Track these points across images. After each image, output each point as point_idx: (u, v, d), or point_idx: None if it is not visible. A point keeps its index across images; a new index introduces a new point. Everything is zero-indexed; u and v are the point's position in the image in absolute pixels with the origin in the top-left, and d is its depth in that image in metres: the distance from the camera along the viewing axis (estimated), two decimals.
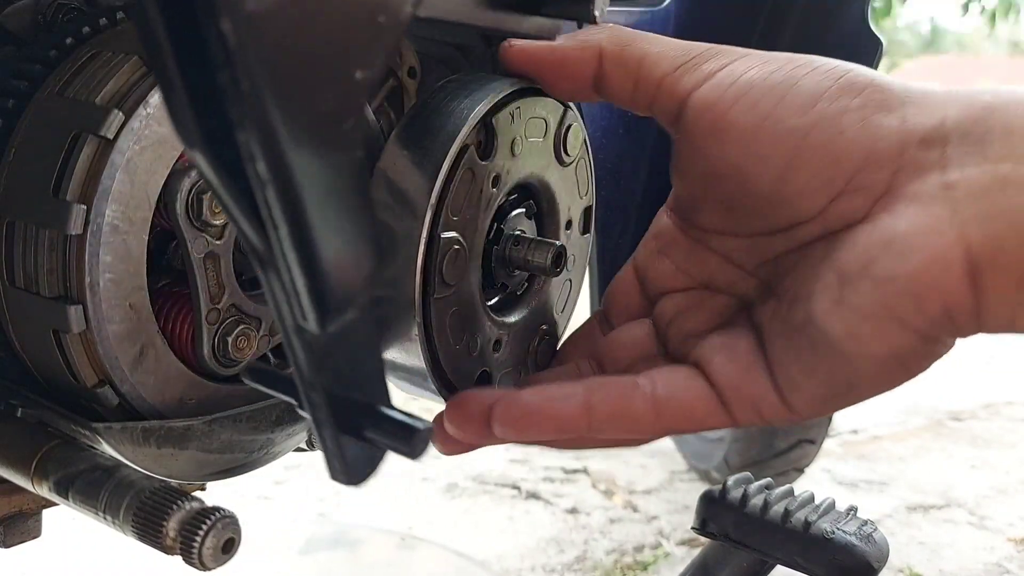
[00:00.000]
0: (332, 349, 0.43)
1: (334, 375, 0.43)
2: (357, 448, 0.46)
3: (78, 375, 0.52)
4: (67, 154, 0.49)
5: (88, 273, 0.49)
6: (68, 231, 0.48)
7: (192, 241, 0.53)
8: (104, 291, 0.49)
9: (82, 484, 0.51)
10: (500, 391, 0.57)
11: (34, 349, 0.53)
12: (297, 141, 0.34)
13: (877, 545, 0.72)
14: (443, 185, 0.59)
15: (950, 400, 3.03)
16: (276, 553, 1.75)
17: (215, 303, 0.55)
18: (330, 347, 0.42)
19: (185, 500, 0.48)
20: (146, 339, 0.52)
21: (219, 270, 0.55)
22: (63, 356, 0.51)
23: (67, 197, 0.49)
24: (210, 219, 0.53)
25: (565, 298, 0.72)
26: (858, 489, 2.29)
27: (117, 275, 0.50)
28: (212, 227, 0.54)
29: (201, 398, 0.56)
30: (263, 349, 0.59)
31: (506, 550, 1.84)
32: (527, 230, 0.68)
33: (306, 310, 0.37)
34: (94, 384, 0.52)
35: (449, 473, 2.18)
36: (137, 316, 0.51)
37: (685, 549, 1.89)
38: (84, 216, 0.48)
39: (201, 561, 0.47)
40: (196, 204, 0.52)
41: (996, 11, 7.21)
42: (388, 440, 0.45)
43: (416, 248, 0.58)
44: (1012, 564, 1.95)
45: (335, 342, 0.43)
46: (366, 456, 0.47)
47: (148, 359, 0.53)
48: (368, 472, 0.47)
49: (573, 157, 0.69)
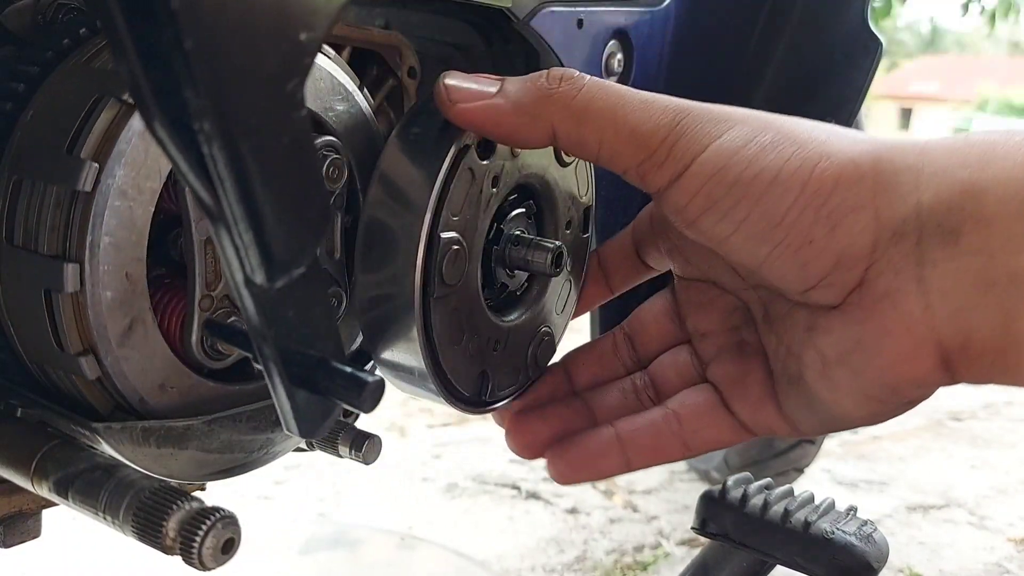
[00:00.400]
0: (282, 303, 0.44)
1: (285, 329, 0.44)
2: (310, 401, 0.47)
3: (63, 340, 0.52)
4: (87, 115, 0.50)
5: (91, 232, 0.49)
6: (78, 187, 0.48)
7: (196, 222, 0.53)
8: (103, 253, 0.50)
9: (82, 484, 0.51)
10: (549, 426, 0.63)
11: (21, 311, 0.53)
12: (240, 99, 0.36)
13: (877, 545, 0.72)
14: (443, 185, 0.59)
15: (950, 400, 3.02)
16: (276, 553, 1.75)
17: (210, 290, 0.55)
18: (280, 301, 0.44)
19: (185, 500, 0.48)
20: (137, 313, 0.52)
21: (218, 257, 0.55)
22: (51, 319, 0.51)
23: (81, 154, 0.49)
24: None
25: (565, 298, 0.72)
26: (858, 489, 2.29)
27: (118, 240, 0.50)
28: None
29: (183, 388, 0.56)
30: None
31: (506, 550, 1.84)
32: (527, 230, 0.68)
33: (254, 264, 0.39)
34: (78, 351, 0.52)
35: (449, 473, 2.18)
36: (132, 288, 0.51)
37: (685, 549, 1.88)
38: (95, 175, 0.48)
39: (201, 561, 0.47)
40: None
41: (996, 11, 7.21)
42: (339, 393, 0.46)
43: (416, 248, 0.58)
44: (1012, 564, 1.95)
45: (285, 296, 0.44)
46: (319, 409, 0.48)
47: (136, 334, 0.53)
48: (320, 424, 0.49)
49: (573, 157, 0.69)
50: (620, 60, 0.91)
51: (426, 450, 2.31)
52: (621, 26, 0.89)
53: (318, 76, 0.60)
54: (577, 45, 0.83)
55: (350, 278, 0.65)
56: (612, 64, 0.90)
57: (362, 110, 0.64)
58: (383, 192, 0.61)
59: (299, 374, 0.46)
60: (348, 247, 0.65)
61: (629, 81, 0.93)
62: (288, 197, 0.39)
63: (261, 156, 0.37)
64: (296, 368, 0.46)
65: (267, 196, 0.38)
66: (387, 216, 0.61)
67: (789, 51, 1.03)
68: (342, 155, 0.62)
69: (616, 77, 0.92)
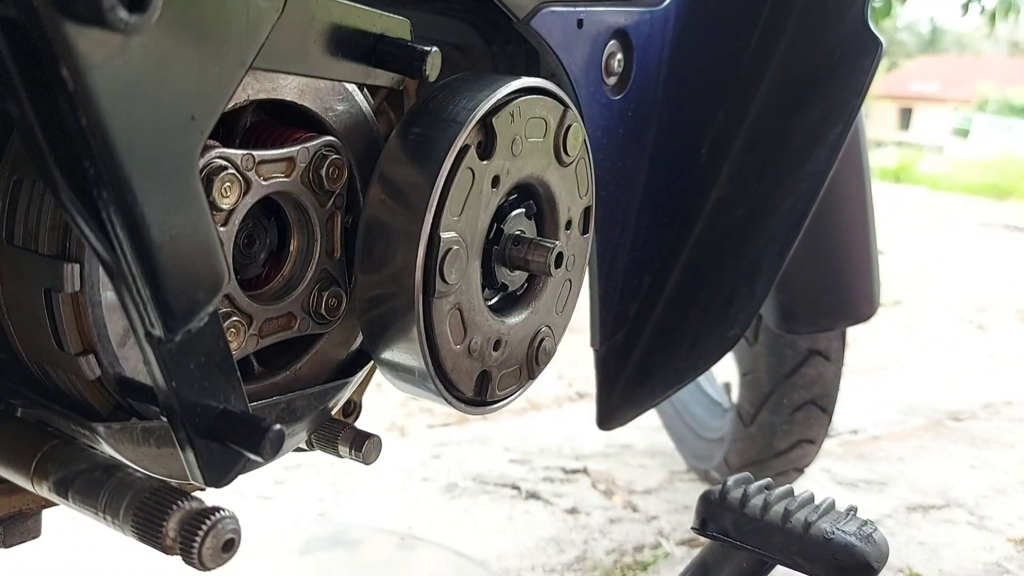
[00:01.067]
0: (182, 356, 0.46)
1: (187, 380, 0.47)
2: (214, 451, 0.49)
3: (63, 341, 0.52)
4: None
5: None
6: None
7: None
8: None
9: (82, 484, 0.51)
10: None
11: (22, 311, 0.53)
12: (135, 169, 0.40)
13: (877, 545, 0.72)
14: (443, 185, 0.59)
15: (950, 400, 3.02)
16: (276, 553, 1.75)
17: None
18: (180, 354, 0.46)
19: (185, 500, 0.48)
20: None
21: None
22: (51, 320, 0.51)
23: None
24: (218, 201, 0.53)
25: (565, 298, 0.72)
26: (858, 489, 2.29)
27: None
28: (218, 211, 0.54)
29: None
30: (250, 348, 0.58)
31: (506, 550, 1.84)
32: (527, 230, 0.68)
33: (153, 318, 0.43)
34: (78, 351, 0.52)
35: (449, 473, 2.18)
36: None
37: (685, 549, 1.88)
38: None
39: (201, 561, 0.47)
40: (206, 184, 0.53)
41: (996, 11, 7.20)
42: (240, 442, 0.48)
43: (416, 248, 0.58)
44: (1012, 564, 1.95)
45: (185, 349, 0.46)
46: (225, 459, 0.50)
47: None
48: (226, 474, 0.51)
49: (573, 157, 0.69)
50: (620, 60, 0.90)
51: (426, 450, 2.31)
52: (621, 26, 0.89)
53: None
54: (577, 45, 0.83)
55: (350, 278, 0.65)
56: (612, 64, 0.89)
57: (362, 110, 0.64)
58: (383, 192, 0.61)
59: (202, 425, 0.48)
60: (348, 247, 0.65)
61: (629, 81, 0.93)
62: (183, 257, 0.43)
63: (156, 221, 0.42)
64: (199, 419, 0.48)
65: (162, 256, 0.42)
66: (387, 216, 0.60)
67: (789, 51, 1.03)
68: (342, 155, 0.62)
69: (616, 77, 0.91)
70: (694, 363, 1.08)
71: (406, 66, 0.59)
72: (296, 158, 0.59)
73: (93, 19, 0.36)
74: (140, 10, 0.37)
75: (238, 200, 0.55)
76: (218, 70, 0.44)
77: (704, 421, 2.20)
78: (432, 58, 0.59)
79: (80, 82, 0.37)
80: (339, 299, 0.64)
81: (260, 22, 0.48)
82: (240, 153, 0.55)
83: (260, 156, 0.57)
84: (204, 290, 0.45)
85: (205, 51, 0.43)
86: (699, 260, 1.07)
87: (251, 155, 0.56)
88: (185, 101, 0.42)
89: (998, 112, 23.57)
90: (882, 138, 22.48)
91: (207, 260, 0.45)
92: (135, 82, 0.39)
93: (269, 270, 0.62)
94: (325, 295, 0.63)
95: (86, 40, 0.37)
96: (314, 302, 0.63)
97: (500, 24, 0.81)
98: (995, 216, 8.80)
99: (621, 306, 1.06)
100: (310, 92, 0.60)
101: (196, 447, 0.48)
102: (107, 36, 0.37)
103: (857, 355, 3.19)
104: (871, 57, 1.00)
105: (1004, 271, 5.68)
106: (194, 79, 0.42)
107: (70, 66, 0.36)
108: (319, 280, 0.63)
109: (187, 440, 0.48)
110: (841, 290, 1.42)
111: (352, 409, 0.77)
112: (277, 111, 0.61)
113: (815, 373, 1.80)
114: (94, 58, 0.37)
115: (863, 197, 1.40)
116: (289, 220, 0.62)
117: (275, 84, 0.57)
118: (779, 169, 1.04)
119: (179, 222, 0.43)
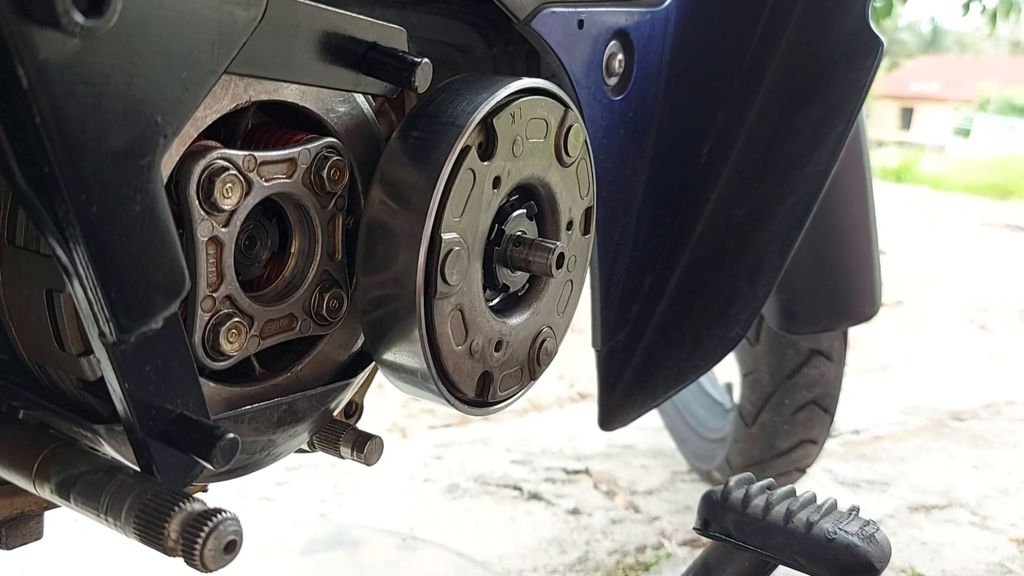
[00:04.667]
0: (137, 358, 0.47)
1: (141, 382, 0.47)
2: (168, 454, 0.49)
3: (64, 341, 0.52)
4: None
5: None
6: None
7: (199, 222, 0.53)
8: None
9: (84, 486, 0.51)
10: None
11: (23, 311, 0.53)
12: (91, 170, 0.40)
13: (879, 545, 0.72)
14: (444, 186, 0.59)
15: (951, 400, 3.02)
16: (277, 554, 1.75)
17: (212, 290, 0.55)
18: (135, 356, 0.46)
19: (187, 502, 0.48)
20: None
21: (220, 258, 0.55)
22: (52, 319, 0.51)
23: None
24: (219, 202, 0.53)
25: (566, 299, 0.72)
26: (860, 489, 2.28)
27: None
28: (220, 212, 0.54)
29: None
30: (252, 349, 0.58)
31: (508, 551, 1.84)
32: (528, 231, 0.68)
33: (107, 318, 0.43)
34: (79, 352, 0.52)
35: (451, 474, 2.18)
36: None
37: (687, 550, 1.88)
38: None
39: (203, 563, 0.46)
40: (207, 184, 0.53)
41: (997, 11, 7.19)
42: (191, 447, 0.48)
43: (417, 249, 0.58)
44: (1015, 564, 1.95)
45: (140, 351, 0.46)
46: (179, 463, 0.50)
47: None
48: (183, 478, 0.50)
49: (574, 158, 0.69)
50: (621, 60, 0.90)
51: (427, 451, 2.31)
52: (622, 26, 0.89)
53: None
54: (578, 46, 0.83)
55: (351, 279, 0.65)
56: (613, 65, 0.89)
57: (363, 112, 0.64)
58: (385, 193, 0.61)
59: (155, 428, 0.48)
60: (349, 249, 0.65)
61: (630, 81, 0.93)
62: (139, 260, 0.43)
63: (112, 222, 0.42)
64: (152, 422, 0.48)
65: (116, 257, 0.42)
66: (389, 217, 0.60)
67: (790, 51, 1.03)
68: (343, 157, 0.62)
69: (617, 78, 0.91)
70: (695, 363, 1.08)
71: (396, 76, 0.59)
72: (298, 159, 0.59)
73: (48, 21, 0.36)
74: (97, 14, 0.37)
75: (239, 201, 0.55)
76: (186, 75, 0.44)
77: (706, 421, 2.20)
78: (422, 69, 0.59)
79: (35, 81, 0.37)
80: (340, 300, 0.64)
81: (235, 28, 0.47)
82: (242, 154, 0.55)
83: (262, 157, 0.57)
84: (161, 294, 0.45)
85: (171, 56, 0.43)
86: (700, 260, 1.07)
87: (252, 156, 0.56)
88: (148, 104, 0.42)
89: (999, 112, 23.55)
90: (883, 138, 22.47)
91: (166, 264, 0.45)
92: (92, 83, 0.39)
93: (270, 272, 0.62)
94: (326, 296, 0.63)
95: (41, 41, 0.37)
96: (315, 304, 0.63)
97: (501, 25, 0.81)
98: (996, 216, 8.80)
99: (622, 306, 1.06)
100: (311, 94, 0.60)
101: (150, 449, 0.48)
102: (63, 38, 0.37)
103: (859, 355, 3.18)
104: (872, 57, 1.00)
105: (1006, 271, 5.68)
106: (158, 83, 0.42)
107: (25, 65, 0.37)
108: (320, 281, 0.63)
109: (139, 443, 0.48)
110: (842, 290, 1.42)
111: (354, 410, 0.77)
112: (279, 112, 0.61)
113: (817, 373, 1.80)
114: (50, 59, 0.37)
115: (864, 197, 1.40)
116: (290, 221, 0.62)
117: (276, 86, 0.57)
118: (780, 169, 1.04)
119: (137, 224, 0.43)
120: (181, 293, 0.46)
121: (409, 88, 0.59)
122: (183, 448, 0.48)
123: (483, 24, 0.85)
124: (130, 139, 0.42)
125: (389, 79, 0.60)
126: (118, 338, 0.44)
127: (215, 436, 0.47)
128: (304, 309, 0.62)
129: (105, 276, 0.42)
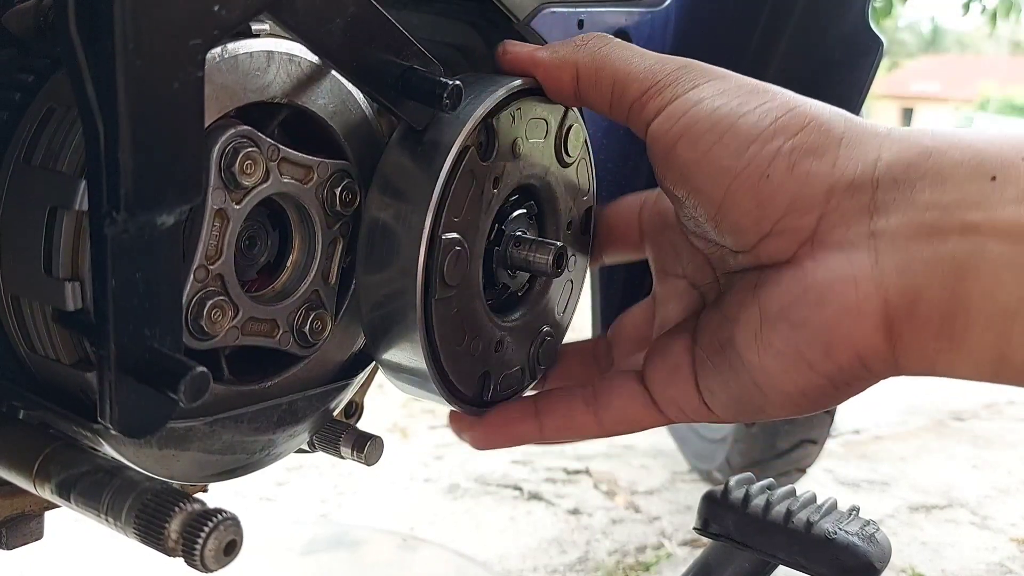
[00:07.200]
0: (133, 258, 0.44)
1: (130, 290, 0.44)
2: (141, 397, 0.46)
3: (54, 263, 0.51)
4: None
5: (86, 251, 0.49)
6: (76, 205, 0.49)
7: (212, 188, 0.53)
8: None
9: (84, 486, 0.51)
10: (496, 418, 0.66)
11: (15, 235, 0.53)
12: (146, 25, 0.40)
13: (879, 545, 0.72)
14: (444, 186, 0.59)
15: (952, 400, 3.02)
16: (278, 554, 1.75)
17: (208, 262, 0.55)
18: (132, 255, 0.44)
19: (187, 502, 0.48)
20: None
21: (224, 233, 0.55)
22: (47, 240, 0.51)
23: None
24: (238, 176, 0.54)
25: (567, 299, 0.72)
26: (860, 489, 2.28)
27: None
28: (235, 187, 0.54)
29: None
30: (230, 341, 0.58)
31: (508, 551, 1.84)
32: (528, 231, 0.68)
33: (125, 188, 0.42)
34: (66, 276, 0.51)
35: (451, 474, 2.18)
36: None
37: (687, 550, 1.88)
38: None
39: (203, 563, 0.46)
40: (231, 155, 0.53)
41: (997, 10, 7.20)
42: (157, 379, 0.45)
43: (417, 249, 0.58)
44: (1015, 564, 1.95)
45: (138, 250, 0.44)
46: (151, 408, 0.47)
47: None
48: (149, 425, 0.47)
49: (574, 158, 0.69)
50: None
51: (428, 451, 2.31)
52: (622, 26, 0.89)
53: (320, 76, 0.60)
54: None
55: (338, 311, 0.65)
56: None
57: (363, 111, 0.64)
58: (384, 193, 0.61)
59: (129, 359, 0.45)
60: (343, 280, 0.65)
61: None
62: (164, 142, 0.43)
63: (150, 87, 0.41)
64: (129, 351, 0.45)
65: (146, 126, 0.41)
66: (389, 217, 0.61)
67: (789, 51, 1.03)
68: (356, 182, 0.63)
69: None
70: None
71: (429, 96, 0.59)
72: (316, 168, 0.60)
73: None
74: None
75: (257, 184, 0.55)
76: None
77: None
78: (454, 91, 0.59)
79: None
80: (324, 324, 0.64)
81: None
82: (269, 141, 0.56)
83: (285, 152, 0.57)
84: (175, 191, 0.44)
85: None
86: None
87: (277, 147, 0.56)
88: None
89: (1000, 111, 23.56)
90: None
91: (185, 162, 0.44)
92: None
93: (261, 281, 0.62)
94: (311, 316, 0.62)
95: None
96: (299, 320, 0.62)
97: (500, 25, 0.81)
98: None
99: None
100: (340, 116, 0.61)
101: (119, 385, 0.45)
102: None
103: None
104: (872, 57, 1.00)
105: None
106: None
107: None
108: (309, 299, 0.63)
109: (108, 367, 0.45)
110: None
111: (354, 410, 0.77)
112: (305, 130, 0.61)
113: None
114: None
115: None
116: (292, 230, 0.62)
117: (314, 90, 0.58)
118: None
119: (170, 103, 0.43)
120: (192, 199, 0.45)
121: (440, 108, 0.59)
122: (152, 382, 0.45)
123: (483, 24, 0.85)
124: (187, 14, 0.42)
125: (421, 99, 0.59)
126: (124, 223, 0.42)
127: (185, 369, 0.45)
128: (288, 321, 0.62)
129: (132, 142, 0.41)
